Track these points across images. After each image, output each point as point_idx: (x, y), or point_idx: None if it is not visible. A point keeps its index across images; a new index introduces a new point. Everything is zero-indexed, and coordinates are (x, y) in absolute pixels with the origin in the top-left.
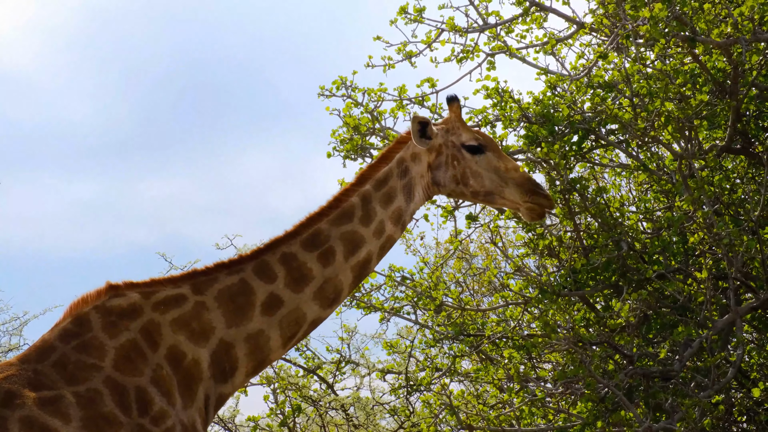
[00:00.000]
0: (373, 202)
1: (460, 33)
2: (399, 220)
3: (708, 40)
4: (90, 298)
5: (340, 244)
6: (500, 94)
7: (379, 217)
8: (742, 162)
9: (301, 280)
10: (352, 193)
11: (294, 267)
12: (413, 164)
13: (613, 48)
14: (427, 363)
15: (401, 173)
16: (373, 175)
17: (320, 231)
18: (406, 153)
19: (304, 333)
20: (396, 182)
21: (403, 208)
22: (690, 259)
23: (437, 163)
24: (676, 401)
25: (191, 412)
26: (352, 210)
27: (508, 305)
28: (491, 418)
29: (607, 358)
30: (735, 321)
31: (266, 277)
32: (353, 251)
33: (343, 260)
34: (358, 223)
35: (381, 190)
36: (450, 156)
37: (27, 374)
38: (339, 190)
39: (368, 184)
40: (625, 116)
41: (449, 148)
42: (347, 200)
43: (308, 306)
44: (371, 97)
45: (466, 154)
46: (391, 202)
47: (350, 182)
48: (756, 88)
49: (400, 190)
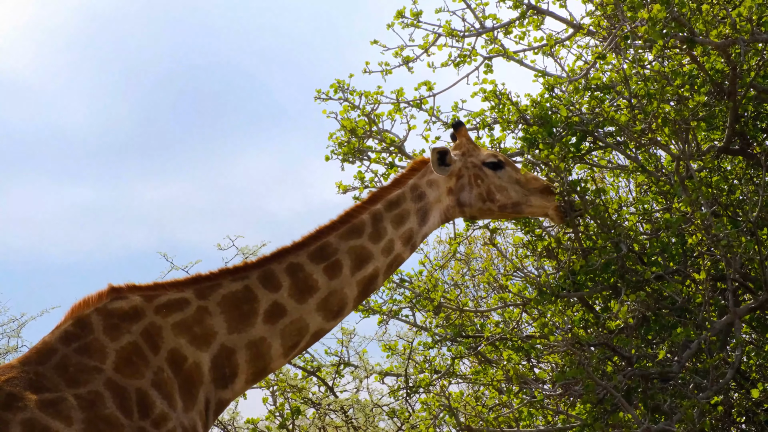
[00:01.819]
0: (384, 221)
1: (457, 38)
2: (409, 241)
3: (706, 41)
4: (91, 301)
5: (347, 258)
6: (498, 96)
7: (389, 236)
8: (741, 163)
9: (306, 291)
10: (363, 210)
11: (300, 277)
12: (429, 190)
13: (611, 49)
14: (426, 365)
15: (416, 198)
16: (385, 196)
17: (328, 244)
18: (421, 180)
19: (306, 344)
20: (410, 205)
21: (415, 230)
22: (688, 260)
23: (459, 186)
24: (675, 402)
25: (192, 415)
26: (362, 226)
27: (507, 306)
28: (490, 419)
29: (606, 360)
30: (734, 322)
31: (271, 285)
32: (360, 266)
33: (349, 274)
34: (367, 239)
35: (393, 211)
36: (473, 176)
37: (28, 376)
38: (350, 206)
39: (380, 203)
40: (622, 118)
41: (470, 169)
42: (358, 217)
43: (311, 317)
44: (368, 100)
45: (488, 171)
46: (402, 223)
47: (362, 200)
48: (754, 89)
49: (413, 213)
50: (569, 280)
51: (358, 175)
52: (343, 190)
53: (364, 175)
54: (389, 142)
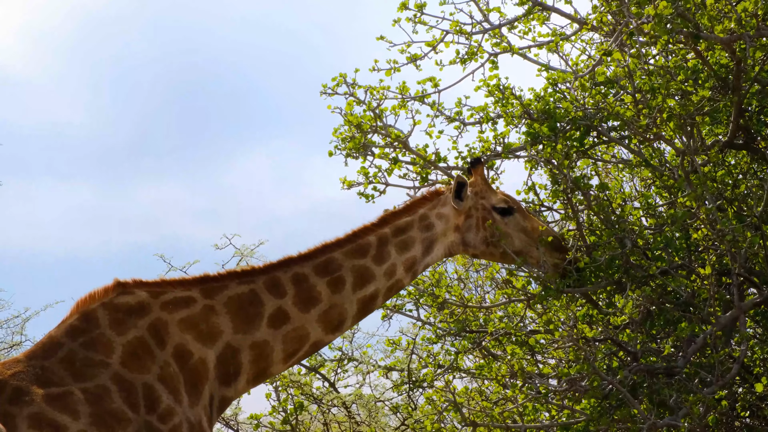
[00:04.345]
0: (389, 245)
1: (466, 36)
2: (411, 268)
3: (711, 36)
4: (97, 295)
5: (350, 275)
6: (502, 91)
7: (392, 260)
8: (745, 158)
9: (309, 302)
10: (371, 232)
11: (304, 288)
12: (438, 222)
13: (616, 45)
14: (430, 360)
15: (424, 227)
16: (394, 222)
17: (333, 259)
18: (432, 211)
19: (305, 353)
20: (416, 234)
21: (418, 258)
22: (693, 255)
23: (467, 226)
24: (681, 397)
25: (197, 410)
26: (367, 247)
27: (511, 302)
28: (495, 414)
29: (611, 355)
30: (738, 317)
31: (276, 292)
32: (361, 285)
33: (351, 291)
34: (370, 261)
35: (399, 237)
36: (481, 218)
37: (35, 371)
38: (358, 227)
39: (387, 227)
40: (626, 113)
41: (479, 210)
42: (364, 237)
43: (312, 327)
44: (373, 95)
45: (496, 216)
46: (407, 250)
47: (370, 222)
48: (759, 83)
49: (419, 241)
50: (574, 275)
51: (362, 171)
52: (347, 185)
53: (368, 170)
54: (394, 137)
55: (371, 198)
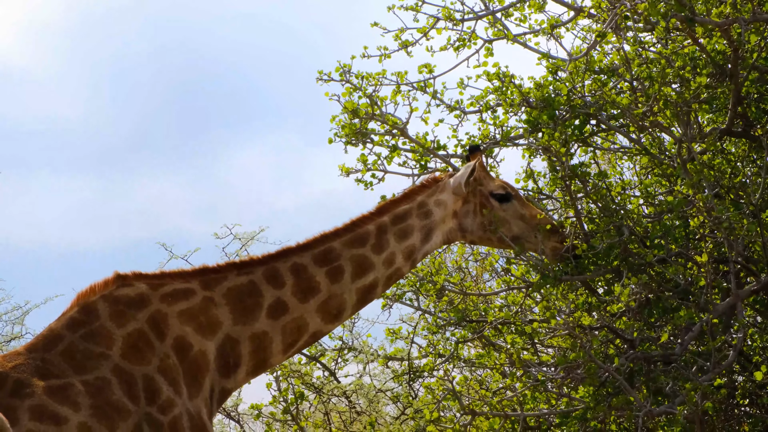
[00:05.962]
0: (388, 234)
1: (455, 22)
2: (410, 256)
3: (707, 20)
4: (97, 288)
5: (349, 264)
6: (501, 78)
7: (391, 249)
8: (743, 145)
9: (308, 292)
10: (369, 221)
11: (303, 278)
12: (437, 209)
13: (611, 28)
14: (430, 349)
15: (422, 215)
16: (393, 210)
17: (332, 249)
18: (430, 198)
19: (304, 343)
20: (415, 221)
21: (417, 246)
22: (691, 243)
23: (464, 211)
24: (678, 385)
25: (197, 402)
26: (366, 236)
27: (510, 290)
28: (494, 403)
29: (608, 343)
30: (736, 304)
31: (275, 282)
32: (361, 274)
33: (350, 280)
34: (369, 250)
35: (398, 225)
36: (478, 204)
37: (35, 363)
38: (357, 216)
39: (386, 216)
40: (623, 101)
41: (477, 196)
42: (363, 227)
43: (311, 317)
44: (369, 81)
45: (494, 202)
46: (406, 238)
47: (369, 212)
48: (756, 70)
49: (418, 229)
50: (572, 263)
51: (361, 158)
52: (345, 172)
53: (366, 158)
54: (392, 124)
55: (369, 185)
